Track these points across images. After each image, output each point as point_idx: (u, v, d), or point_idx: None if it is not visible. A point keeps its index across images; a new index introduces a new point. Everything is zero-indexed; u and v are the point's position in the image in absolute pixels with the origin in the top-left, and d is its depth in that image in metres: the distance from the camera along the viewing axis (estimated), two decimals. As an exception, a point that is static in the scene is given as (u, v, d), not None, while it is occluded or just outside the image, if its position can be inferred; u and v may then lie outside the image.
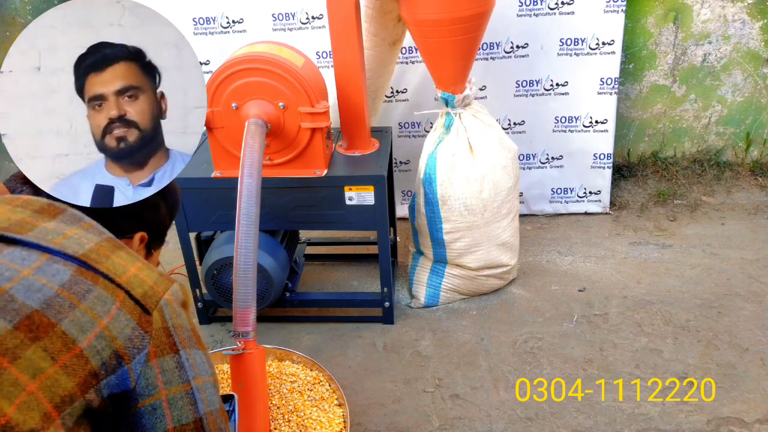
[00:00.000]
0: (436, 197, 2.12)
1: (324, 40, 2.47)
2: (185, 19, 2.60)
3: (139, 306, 0.78)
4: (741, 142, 2.98)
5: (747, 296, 2.23)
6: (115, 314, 0.76)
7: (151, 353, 0.78)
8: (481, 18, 1.92)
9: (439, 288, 2.26)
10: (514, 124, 2.73)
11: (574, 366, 1.96)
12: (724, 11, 2.71)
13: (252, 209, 1.60)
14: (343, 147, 2.14)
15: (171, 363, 0.80)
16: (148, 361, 0.78)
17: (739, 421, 1.73)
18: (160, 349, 0.79)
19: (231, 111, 1.86)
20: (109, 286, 0.78)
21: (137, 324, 0.77)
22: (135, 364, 0.76)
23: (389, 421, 1.80)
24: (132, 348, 0.76)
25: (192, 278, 2.18)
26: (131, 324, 0.77)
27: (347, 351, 2.09)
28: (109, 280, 0.78)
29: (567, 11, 2.50)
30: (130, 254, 0.85)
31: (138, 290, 0.79)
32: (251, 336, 1.55)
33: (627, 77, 2.85)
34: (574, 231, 2.73)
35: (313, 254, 2.62)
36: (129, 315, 0.77)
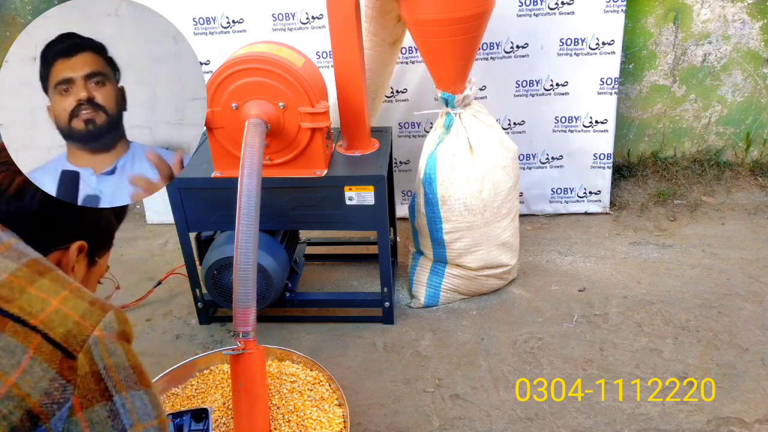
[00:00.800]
0: (436, 197, 2.12)
1: (324, 40, 2.47)
2: (185, 19, 2.60)
3: (59, 350, 0.68)
4: (741, 142, 2.98)
5: (747, 296, 2.23)
6: (27, 366, 0.66)
7: (75, 406, 0.68)
8: (481, 18, 1.92)
9: (439, 288, 2.26)
10: (514, 124, 2.73)
11: (574, 366, 1.96)
12: (724, 11, 2.71)
13: (252, 209, 1.60)
14: (343, 147, 2.14)
15: (102, 413, 0.70)
16: (72, 415, 0.67)
17: (739, 421, 1.73)
18: (88, 398, 0.69)
19: (231, 111, 1.86)
20: (20, 331, 0.67)
21: (57, 373, 0.67)
22: (55, 422, 0.66)
23: (389, 421, 1.80)
24: (50, 404, 0.66)
25: (192, 278, 2.18)
26: (49, 374, 0.67)
27: (347, 351, 2.09)
28: (20, 323, 0.67)
29: (567, 11, 2.50)
30: (55, 280, 0.74)
31: (59, 330, 0.69)
32: (251, 336, 1.55)
33: (627, 77, 2.86)
34: (574, 231, 2.73)
35: (313, 254, 2.62)
36: (46, 363, 0.67)
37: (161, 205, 2.95)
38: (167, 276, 2.48)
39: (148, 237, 2.93)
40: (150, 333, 2.25)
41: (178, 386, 1.76)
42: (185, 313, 2.34)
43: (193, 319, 2.30)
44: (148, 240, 2.90)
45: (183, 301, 2.41)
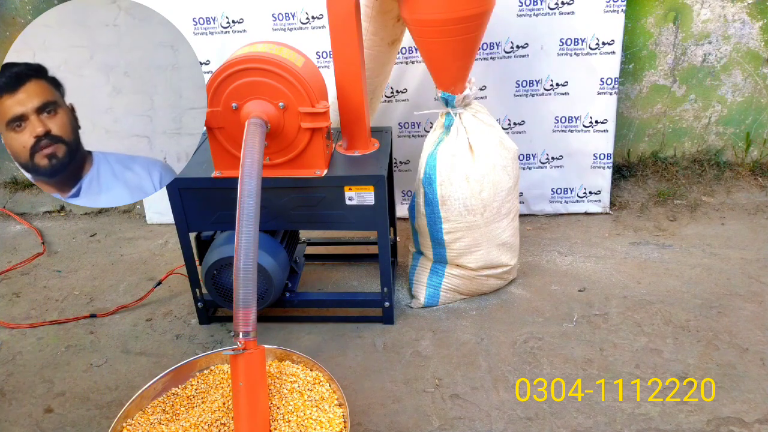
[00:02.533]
0: (436, 197, 2.12)
1: (324, 40, 2.47)
2: (185, 19, 2.60)
3: None
4: (741, 142, 2.98)
5: (747, 296, 2.23)
6: None
7: None
8: (481, 18, 1.92)
9: (439, 288, 2.26)
10: (514, 124, 2.73)
11: (574, 366, 1.96)
12: (724, 11, 2.71)
13: (252, 209, 1.60)
14: (343, 147, 2.14)
15: None
16: None
17: (739, 421, 1.73)
18: None
19: (231, 111, 1.86)
20: None
21: None
22: None
23: (389, 421, 1.80)
24: None
25: (192, 278, 2.18)
26: None
27: (347, 351, 2.09)
28: None
29: (567, 11, 2.50)
30: None
31: None
32: (251, 336, 1.55)
33: (627, 77, 2.86)
34: (574, 231, 2.73)
35: (313, 254, 2.62)
36: None
37: (161, 205, 2.94)
38: (167, 276, 2.48)
39: (148, 237, 2.93)
40: (150, 333, 2.25)
41: (178, 386, 1.76)
42: (185, 313, 2.34)
43: (193, 319, 2.30)
44: (148, 240, 2.90)
45: (183, 301, 2.41)
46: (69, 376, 2.06)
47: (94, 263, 2.72)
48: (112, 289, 2.54)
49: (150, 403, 1.69)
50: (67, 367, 2.10)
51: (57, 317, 2.36)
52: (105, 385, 2.01)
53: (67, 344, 2.21)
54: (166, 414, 1.66)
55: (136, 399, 1.65)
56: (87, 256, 2.80)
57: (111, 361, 2.12)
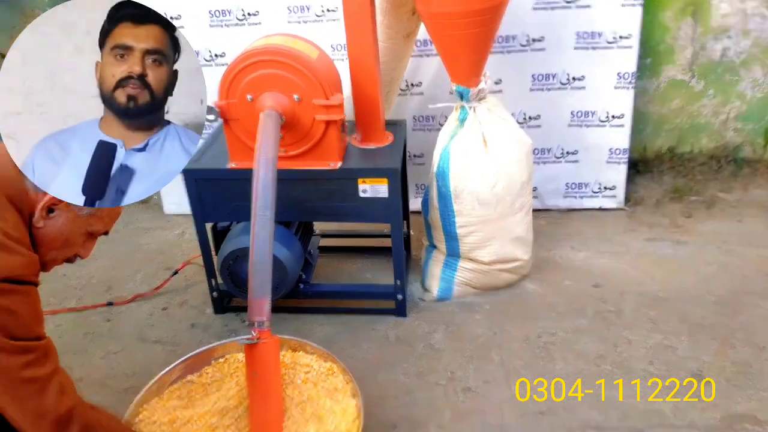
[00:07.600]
0: (449, 191, 2.12)
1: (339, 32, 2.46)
2: (201, 12, 2.62)
3: None
4: (759, 138, 2.94)
5: (763, 294, 2.20)
6: None
7: None
8: (496, 10, 1.91)
9: (452, 282, 2.26)
10: (530, 118, 2.72)
11: (587, 362, 1.95)
12: (743, 5, 2.67)
13: (267, 200, 1.61)
14: (358, 140, 2.15)
15: None
16: None
17: (753, 418, 1.71)
18: None
19: (246, 103, 1.87)
20: None
21: None
22: None
23: (402, 413, 1.81)
24: None
25: (208, 268, 2.21)
26: None
27: (360, 343, 2.10)
28: None
29: (584, 4, 2.47)
30: None
31: None
32: (266, 326, 1.56)
33: (644, 72, 2.82)
34: (588, 226, 2.72)
35: (327, 246, 2.64)
36: None
37: (178, 196, 2.97)
38: (184, 266, 2.51)
39: (165, 227, 2.97)
40: (166, 321, 2.28)
41: (194, 374, 1.78)
42: (201, 302, 2.37)
43: (208, 308, 2.32)
44: (166, 230, 2.94)
45: (199, 290, 2.43)
46: (87, 362, 2.09)
47: (112, 252, 2.76)
48: (129, 278, 2.57)
49: (167, 389, 1.71)
50: (85, 353, 2.14)
51: (75, 305, 2.40)
52: (122, 371, 2.04)
53: (84, 331, 2.25)
54: (182, 400, 1.68)
55: (153, 385, 1.68)
56: (105, 246, 2.83)
57: (127, 349, 2.15)
